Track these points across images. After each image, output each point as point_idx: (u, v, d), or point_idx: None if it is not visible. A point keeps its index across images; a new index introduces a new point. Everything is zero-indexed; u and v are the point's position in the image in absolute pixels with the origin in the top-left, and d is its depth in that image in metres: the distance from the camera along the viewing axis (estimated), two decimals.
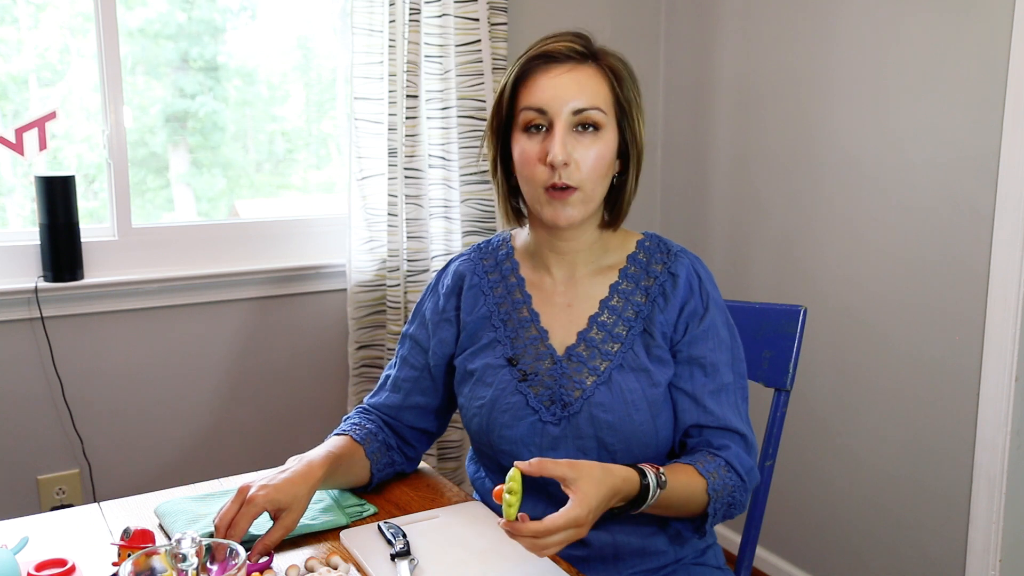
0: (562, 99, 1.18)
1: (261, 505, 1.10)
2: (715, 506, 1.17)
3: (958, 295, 2.00)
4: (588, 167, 1.18)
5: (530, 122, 1.19)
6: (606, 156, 1.20)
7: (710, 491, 1.16)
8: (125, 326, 2.22)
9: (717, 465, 1.19)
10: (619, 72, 1.21)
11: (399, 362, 1.38)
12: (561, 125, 1.17)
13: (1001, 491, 1.96)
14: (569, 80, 1.18)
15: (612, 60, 1.22)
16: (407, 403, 1.36)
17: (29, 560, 1.07)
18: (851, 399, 2.28)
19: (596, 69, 1.20)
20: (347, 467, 1.27)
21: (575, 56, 1.20)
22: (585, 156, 1.18)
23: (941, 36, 1.98)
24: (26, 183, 2.20)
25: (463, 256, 1.37)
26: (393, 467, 1.36)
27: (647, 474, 1.10)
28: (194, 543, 0.87)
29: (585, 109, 1.18)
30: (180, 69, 2.36)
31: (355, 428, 1.33)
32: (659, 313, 1.24)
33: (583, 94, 1.18)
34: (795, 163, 2.37)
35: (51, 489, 2.18)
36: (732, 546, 2.59)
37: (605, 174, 1.21)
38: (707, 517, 1.18)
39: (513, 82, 1.22)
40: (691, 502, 1.16)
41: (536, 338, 1.27)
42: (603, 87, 1.20)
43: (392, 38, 2.25)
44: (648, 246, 1.30)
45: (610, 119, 1.20)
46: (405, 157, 2.29)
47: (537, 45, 1.22)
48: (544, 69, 1.19)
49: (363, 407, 1.40)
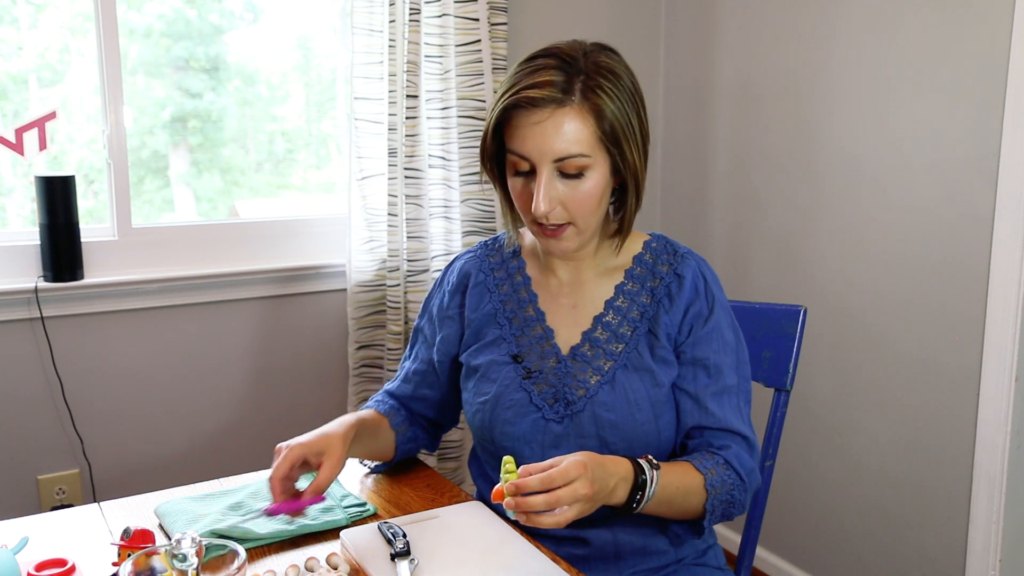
0: (542, 149, 1.13)
1: (298, 453, 1.15)
2: (713, 502, 1.16)
3: (958, 295, 2.00)
4: (575, 207, 1.17)
5: (516, 166, 1.18)
6: (595, 193, 1.16)
7: (707, 487, 1.16)
8: (125, 326, 2.22)
9: (716, 462, 1.19)
10: (601, 109, 1.13)
11: (411, 354, 1.43)
12: (544, 174, 1.14)
13: (1001, 491, 1.96)
14: (548, 128, 1.12)
15: (597, 92, 1.13)
16: (416, 394, 1.40)
17: (29, 560, 1.07)
18: (851, 399, 2.28)
19: (577, 109, 1.13)
20: (373, 433, 1.32)
21: (554, 100, 1.12)
22: (571, 197, 1.16)
23: (941, 36, 1.99)
24: (26, 183, 2.20)
25: (470, 253, 1.39)
26: (416, 443, 1.41)
27: (639, 461, 1.10)
28: (194, 543, 0.87)
29: (567, 158, 1.13)
30: (181, 69, 2.36)
31: (379, 404, 1.40)
32: (664, 314, 1.24)
33: (563, 142, 1.12)
34: (795, 163, 2.37)
35: (51, 489, 2.19)
36: (732, 546, 2.59)
37: (596, 206, 1.18)
38: (705, 515, 1.17)
39: (495, 126, 1.18)
40: (689, 495, 1.15)
41: (541, 336, 1.27)
42: (585, 129, 1.13)
43: (392, 38, 2.25)
44: (655, 247, 1.30)
45: (597, 156, 1.15)
46: (405, 157, 2.29)
47: (518, 78, 1.15)
48: (525, 115, 1.14)
49: (383, 392, 1.45)
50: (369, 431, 1.31)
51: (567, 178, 1.15)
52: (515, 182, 1.20)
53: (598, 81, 1.14)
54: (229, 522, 1.17)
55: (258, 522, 1.18)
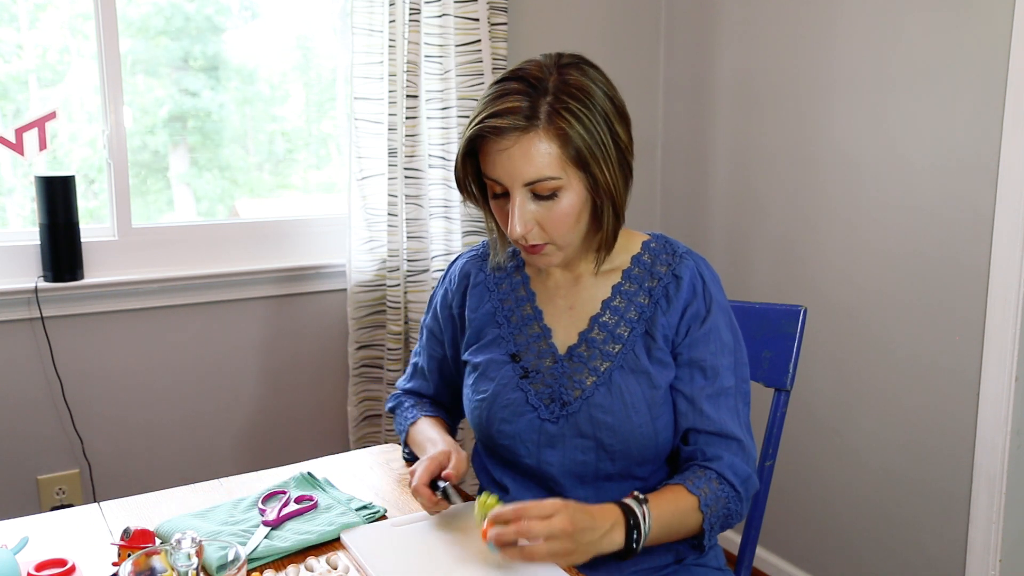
0: (511, 175, 1.13)
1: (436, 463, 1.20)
2: (710, 521, 1.17)
3: (958, 295, 2.00)
4: (552, 227, 1.17)
5: (493, 188, 1.18)
6: (570, 212, 1.16)
7: (703, 507, 1.16)
8: (125, 326, 2.22)
9: (707, 479, 1.19)
10: (566, 133, 1.12)
11: (421, 351, 1.45)
12: (517, 197, 1.15)
13: (1001, 491, 1.96)
14: (515, 154, 1.12)
15: (563, 115, 1.11)
16: (434, 390, 1.45)
17: (29, 560, 1.07)
18: (851, 399, 2.28)
19: (543, 134, 1.11)
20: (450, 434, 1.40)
21: (517, 128, 1.11)
22: (547, 217, 1.16)
23: (941, 36, 1.99)
24: (26, 183, 2.20)
25: (471, 252, 1.40)
26: (455, 428, 1.47)
27: (624, 502, 1.10)
28: (194, 543, 0.87)
29: (536, 181, 1.13)
30: (180, 69, 2.36)
31: (421, 407, 1.42)
32: (661, 315, 1.24)
33: (531, 167, 1.12)
34: (795, 163, 2.37)
35: (51, 489, 2.19)
36: (732, 546, 2.60)
37: (573, 224, 1.17)
38: (704, 533, 1.17)
39: (464, 153, 1.18)
40: (686, 519, 1.16)
41: (539, 336, 1.28)
42: (552, 152, 1.12)
43: (392, 38, 2.25)
44: (653, 247, 1.29)
45: (569, 176, 1.14)
46: (405, 157, 2.29)
47: (485, 105, 1.14)
48: (492, 143, 1.14)
49: (401, 392, 1.49)
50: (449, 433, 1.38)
51: (541, 199, 1.15)
52: (495, 203, 1.21)
53: (565, 103, 1.12)
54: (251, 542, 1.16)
55: (282, 535, 1.17)
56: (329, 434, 2.50)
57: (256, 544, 1.14)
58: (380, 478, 1.40)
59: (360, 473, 1.42)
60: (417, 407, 1.43)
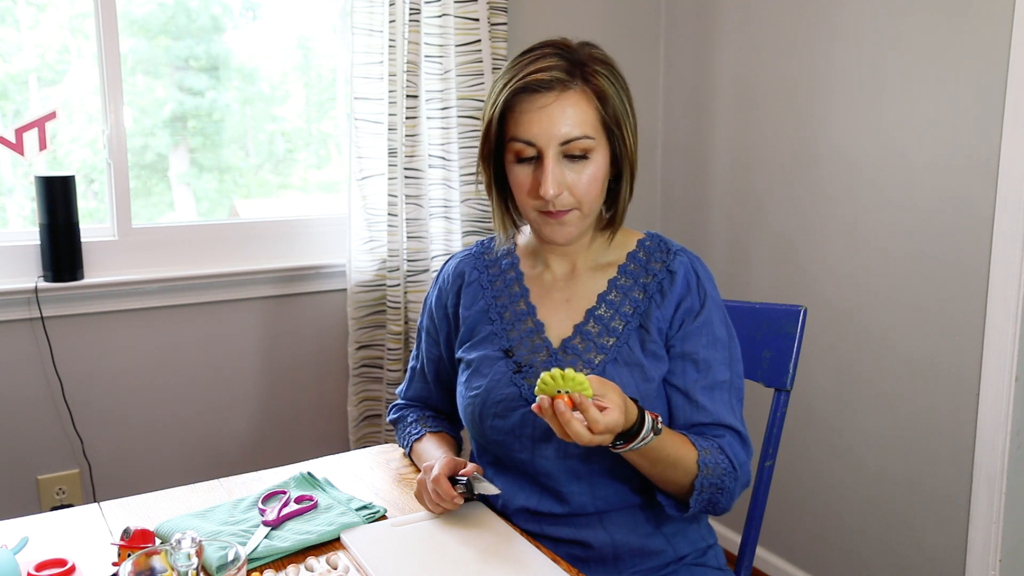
0: (548, 132, 1.16)
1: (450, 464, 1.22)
2: (703, 481, 1.16)
3: (958, 295, 2.00)
4: (581, 191, 1.19)
5: (520, 153, 1.19)
6: (599, 176, 1.20)
7: (700, 463, 1.15)
8: (125, 326, 2.22)
9: (711, 445, 1.19)
10: (604, 92, 1.18)
11: (419, 354, 1.46)
12: (551, 157, 1.17)
13: (1001, 491, 1.96)
14: (555, 111, 1.16)
15: (598, 77, 1.18)
16: (433, 391, 1.45)
17: (29, 560, 1.08)
18: (851, 399, 2.28)
19: (581, 93, 1.17)
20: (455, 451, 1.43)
21: (559, 83, 1.16)
22: (577, 181, 1.18)
23: (941, 36, 1.99)
24: (26, 183, 2.20)
25: (466, 252, 1.41)
26: (459, 440, 1.48)
27: (646, 415, 1.10)
28: (194, 543, 0.87)
29: (573, 139, 1.16)
30: (180, 69, 2.36)
31: (425, 422, 1.44)
32: (656, 309, 1.25)
33: (569, 124, 1.16)
34: (795, 163, 2.37)
35: (51, 489, 2.19)
36: (732, 546, 2.60)
37: (600, 191, 1.21)
38: (693, 491, 1.17)
39: (500, 114, 1.20)
40: (680, 464, 1.15)
41: (532, 330, 1.28)
42: (589, 111, 1.17)
43: (392, 38, 2.25)
44: (649, 245, 1.31)
45: (600, 140, 1.19)
46: (405, 157, 2.30)
47: (520, 67, 1.18)
48: (529, 100, 1.17)
49: (402, 402, 1.50)
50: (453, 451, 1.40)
51: (572, 161, 1.18)
52: (518, 171, 1.21)
53: (597, 69, 1.19)
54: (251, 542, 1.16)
55: (282, 535, 1.17)
56: (329, 434, 2.50)
57: (256, 544, 1.14)
58: (380, 478, 1.40)
59: (360, 473, 1.42)
60: (420, 422, 1.43)
